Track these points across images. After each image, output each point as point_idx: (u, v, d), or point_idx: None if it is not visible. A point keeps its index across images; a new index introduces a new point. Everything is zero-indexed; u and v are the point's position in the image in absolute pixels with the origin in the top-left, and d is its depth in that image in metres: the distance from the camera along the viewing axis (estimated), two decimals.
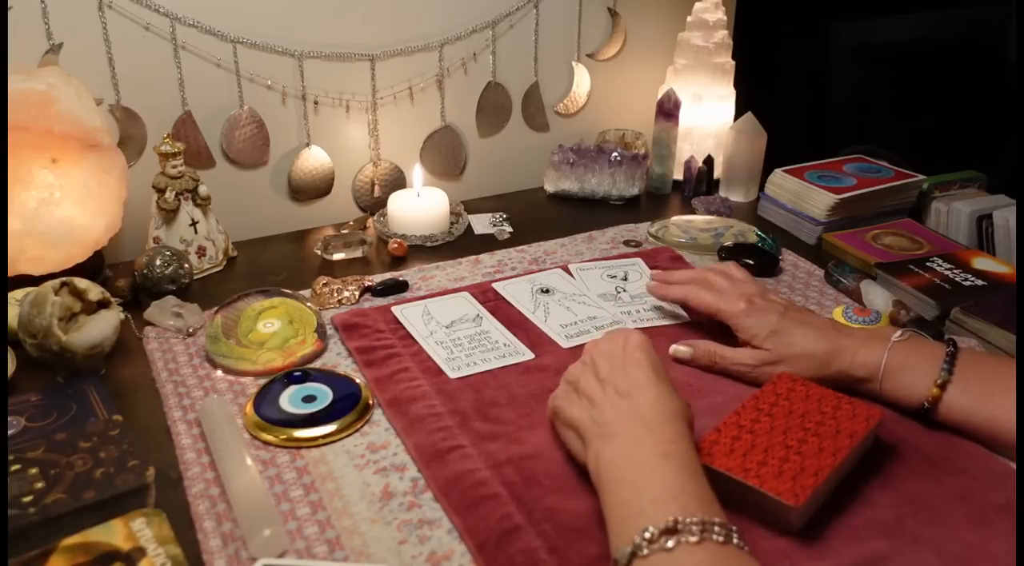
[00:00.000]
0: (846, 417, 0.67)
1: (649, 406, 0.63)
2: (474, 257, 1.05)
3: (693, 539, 0.51)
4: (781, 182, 1.17)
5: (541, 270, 1.01)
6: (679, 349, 0.82)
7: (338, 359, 0.84)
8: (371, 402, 0.77)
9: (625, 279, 0.98)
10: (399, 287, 0.96)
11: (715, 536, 0.52)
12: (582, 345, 0.83)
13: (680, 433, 0.61)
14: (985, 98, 1.51)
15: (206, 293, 0.96)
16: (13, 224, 0.87)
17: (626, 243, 1.10)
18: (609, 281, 0.97)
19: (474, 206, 1.21)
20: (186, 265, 0.95)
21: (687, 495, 0.55)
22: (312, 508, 0.64)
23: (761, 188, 1.21)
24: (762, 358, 0.77)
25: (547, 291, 0.95)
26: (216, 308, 0.88)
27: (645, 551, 0.51)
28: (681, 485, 0.56)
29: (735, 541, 0.52)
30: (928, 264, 0.97)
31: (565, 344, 0.85)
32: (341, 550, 0.60)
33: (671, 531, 0.52)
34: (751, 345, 0.78)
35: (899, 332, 0.74)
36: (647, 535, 0.52)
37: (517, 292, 0.95)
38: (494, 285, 0.96)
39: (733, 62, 1.27)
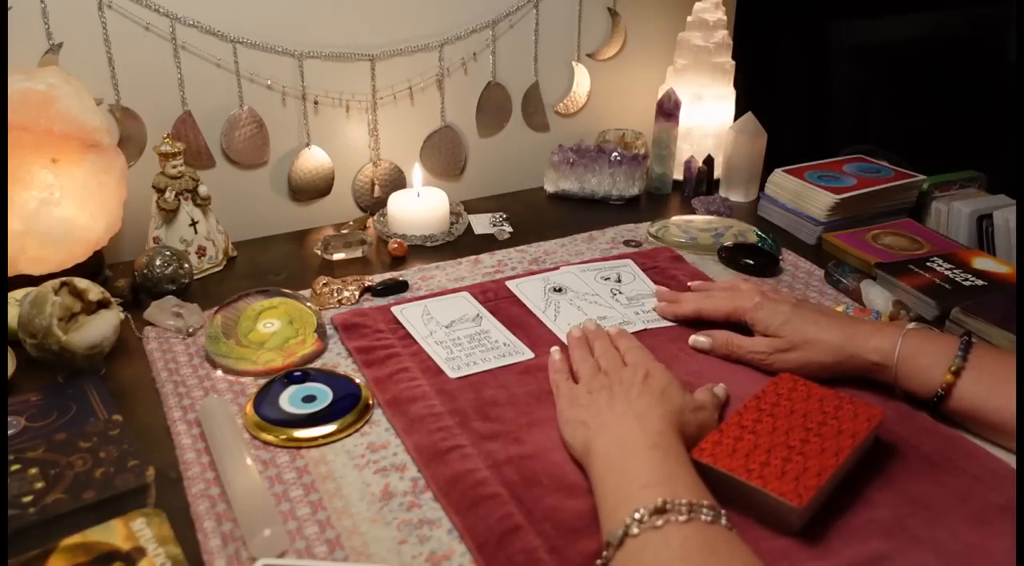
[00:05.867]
0: (847, 417, 0.67)
1: (641, 403, 0.66)
2: (474, 257, 1.05)
3: (682, 518, 0.53)
4: (781, 182, 1.17)
5: (551, 269, 1.01)
6: (698, 339, 0.84)
7: (338, 359, 0.84)
8: (371, 402, 0.77)
9: (619, 281, 0.98)
10: (399, 287, 0.96)
11: (703, 516, 0.54)
12: None
13: (670, 426, 0.64)
14: (985, 98, 1.51)
15: (206, 293, 0.96)
16: (13, 224, 0.87)
17: (626, 243, 1.10)
18: (603, 283, 0.97)
19: (474, 206, 1.21)
20: (186, 265, 0.94)
21: (675, 481, 0.58)
22: (312, 508, 0.64)
23: (761, 188, 1.21)
24: (776, 345, 0.78)
25: (560, 290, 0.95)
26: (216, 308, 0.88)
27: (635, 530, 0.54)
28: (669, 472, 0.59)
29: (723, 522, 0.54)
30: (928, 264, 0.97)
31: None
32: (341, 550, 0.60)
33: (660, 511, 0.54)
34: (766, 335, 0.80)
35: (912, 323, 0.76)
36: (637, 516, 0.54)
37: (530, 290, 0.95)
38: (507, 283, 0.96)
39: (733, 62, 1.27)
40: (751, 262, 1.01)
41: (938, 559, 0.59)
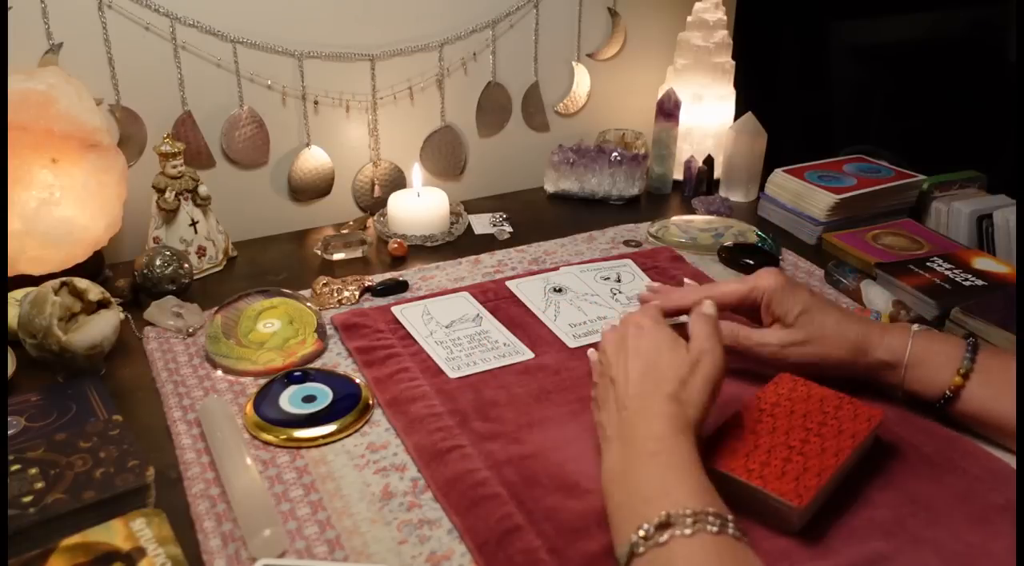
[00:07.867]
0: (848, 417, 0.67)
1: (637, 403, 0.62)
2: (474, 257, 1.05)
3: (687, 532, 0.51)
4: (781, 182, 1.17)
5: (550, 269, 1.01)
6: None
7: (338, 359, 0.84)
8: (371, 402, 0.77)
9: (619, 281, 0.98)
10: (399, 287, 0.96)
11: (709, 526, 0.52)
12: (586, 345, 0.84)
13: (670, 421, 0.60)
14: (985, 98, 1.51)
15: (206, 293, 0.96)
16: (13, 224, 0.87)
17: (626, 243, 1.10)
18: (603, 283, 0.97)
19: (474, 206, 1.21)
20: (186, 265, 0.94)
21: (679, 490, 0.55)
22: (312, 508, 0.64)
23: (761, 188, 1.22)
24: (791, 338, 0.75)
25: (560, 290, 0.95)
26: (216, 308, 0.88)
27: (641, 549, 0.52)
28: (672, 480, 0.56)
29: (730, 530, 0.52)
30: (928, 264, 0.97)
31: (572, 344, 0.86)
32: (341, 550, 0.60)
33: (664, 526, 0.52)
34: (782, 322, 0.76)
35: (916, 326, 0.75)
36: (642, 533, 0.52)
37: (530, 291, 0.95)
38: (507, 283, 0.96)
39: (733, 62, 1.27)
40: (751, 262, 1.01)
41: (938, 559, 0.59)
